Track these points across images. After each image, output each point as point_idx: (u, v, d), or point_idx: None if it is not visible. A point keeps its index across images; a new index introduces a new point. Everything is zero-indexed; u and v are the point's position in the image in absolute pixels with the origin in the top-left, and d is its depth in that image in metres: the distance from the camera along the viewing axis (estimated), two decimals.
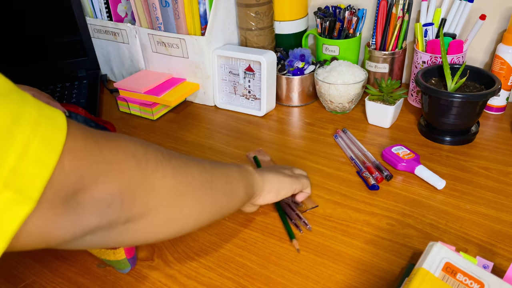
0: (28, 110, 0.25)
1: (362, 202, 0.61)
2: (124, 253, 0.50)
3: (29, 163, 0.24)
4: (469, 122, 0.72)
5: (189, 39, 0.86)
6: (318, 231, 0.56)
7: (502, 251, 0.51)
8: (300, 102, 0.90)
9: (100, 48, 1.05)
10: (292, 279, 0.50)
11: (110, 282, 0.51)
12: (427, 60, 0.79)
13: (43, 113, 0.26)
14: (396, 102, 0.77)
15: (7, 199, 0.23)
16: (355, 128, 0.80)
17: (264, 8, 0.86)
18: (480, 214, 0.57)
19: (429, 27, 0.79)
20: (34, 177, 0.24)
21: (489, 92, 0.66)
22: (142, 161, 0.34)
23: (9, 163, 0.23)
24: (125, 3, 0.99)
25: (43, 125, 0.25)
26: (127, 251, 0.51)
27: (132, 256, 0.52)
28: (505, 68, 0.76)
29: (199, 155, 0.75)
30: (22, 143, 0.24)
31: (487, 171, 0.65)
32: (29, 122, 0.25)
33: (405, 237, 0.54)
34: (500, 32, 0.82)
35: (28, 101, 0.25)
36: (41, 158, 0.25)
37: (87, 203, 0.29)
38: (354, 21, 0.86)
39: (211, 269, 0.52)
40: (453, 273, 0.41)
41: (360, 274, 0.50)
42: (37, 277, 0.53)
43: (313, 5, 0.98)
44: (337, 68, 0.82)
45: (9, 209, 0.23)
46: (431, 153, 0.71)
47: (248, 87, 0.88)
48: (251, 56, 0.83)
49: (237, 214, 0.60)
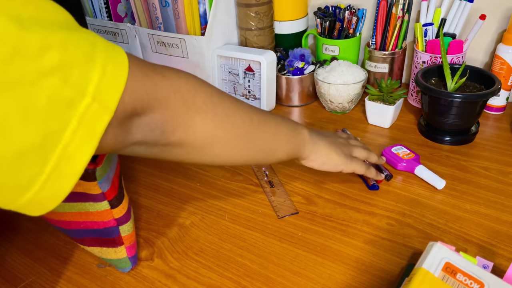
0: (99, 40, 0.31)
1: (362, 202, 0.61)
2: (126, 251, 0.50)
3: (108, 81, 0.30)
4: (469, 122, 0.72)
5: (189, 39, 0.86)
6: (318, 231, 0.56)
7: (502, 251, 0.51)
8: (300, 102, 0.90)
9: None
10: (292, 279, 0.50)
11: (110, 282, 0.51)
12: (427, 60, 0.79)
13: (109, 44, 0.32)
14: (396, 102, 0.77)
15: (95, 109, 0.29)
16: (355, 128, 0.80)
17: (264, 8, 0.86)
18: (480, 214, 0.57)
19: (429, 27, 0.79)
20: (112, 93, 0.30)
21: (489, 92, 0.66)
22: (189, 102, 0.39)
23: (94, 81, 0.29)
24: (125, 3, 0.99)
25: (112, 52, 0.31)
26: (128, 249, 0.51)
27: (133, 255, 0.52)
28: (505, 68, 0.76)
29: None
30: (101, 65, 0.30)
31: (487, 171, 0.65)
32: (103, 49, 0.30)
33: (405, 237, 0.54)
34: (500, 32, 0.82)
35: (95, 34, 0.31)
36: (116, 78, 0.31)
37: (136, 124, 0.35)
38: (354, 21, 0.86)
39: (211, 269, 0.52)
40: (453, 273, 0.41)
41: (360, 274, 0.50)
42: (37, 277, 0.53)
43: (313, 5, 0.98)
44: (337, 68, 0.82)
45: (97, 116, 0.29)
46: (431, 153, 0.71)
47: (248, 87, 0.88)
48: (251, 56, 0.83)
49: (237, 214, 0.60)
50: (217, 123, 0.42)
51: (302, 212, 0.60)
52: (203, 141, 0.41)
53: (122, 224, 0.49)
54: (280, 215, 0.59)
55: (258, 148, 0.48)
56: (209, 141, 0.42)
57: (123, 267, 0.52)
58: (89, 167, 0.44)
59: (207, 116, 0.41)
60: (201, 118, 0.40)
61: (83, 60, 0.28)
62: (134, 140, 0.36)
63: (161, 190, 0.67)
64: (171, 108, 0.37)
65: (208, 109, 0.41)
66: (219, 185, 0.67)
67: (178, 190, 0.67)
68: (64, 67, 0.27)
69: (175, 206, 0.63)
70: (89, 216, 0.48)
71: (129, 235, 0.50)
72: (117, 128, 0.33)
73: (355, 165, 0.58)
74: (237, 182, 0.67)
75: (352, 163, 0.57)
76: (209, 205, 0.63)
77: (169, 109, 0.37)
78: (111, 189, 0.47)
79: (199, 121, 0.40)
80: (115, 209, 0.48)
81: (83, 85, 0.28)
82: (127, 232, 0.50)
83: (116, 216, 0.48)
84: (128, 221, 0.50)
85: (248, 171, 0.70)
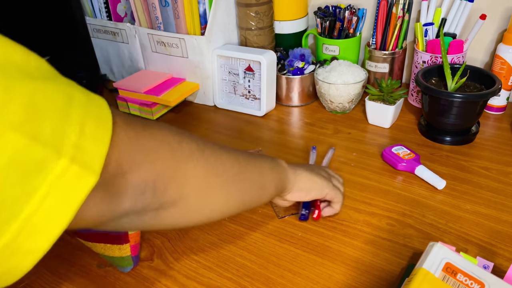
0: (77, 92, 0.27)
1: (362, 202, 0.61)
2: (130, 250, 0.51)
3: (89, 139, 0.26)
4: (469, 122, 0.71)
5: (188, 39, 0.86)
6: (318, 231, 0.56)
7: (502, 251, 0.51)
8: (300, 102, 0.90)
9: (100, 48, 1.05)
10: (292, 279, 0.50)
11: (110, 282, 0.51)
12: (427, 60, 0.79)
13: (89, 97, 0.28)
14: (396, 102, 0.77)
15: (75, 172, 0.24)
16: (355, 128, 0.80)
17: (264, 7, 0.86)
18: (480, 214, 0.57)
19: (429, 27, 0.79)
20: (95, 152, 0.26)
21: (489, 92, 0.66)
22: (177, 151, 0.35)
23: (71, 139, 0.25)
24: (125, 2, 0.99)
25: (93, 106, 0.27)
26: (132, 248, 0.51)
27: (136, 255, 0.52)
28: (505, 68, 0.76)
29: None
30: (79, 121, 0.25)
31: (487, 171, 0.65)
32: (81, 103, 0.26)
33: (405, 237, 0.54)
34: (500, 32, 0.82)
35: (74, 84, 0.27)
36: (97, 135, 0.27)
37: (123, 188, 0.30)
38: (354, 21, 0.86)
39: (210, 269, 0.52)
40: (453, 273, 0.41)
41: (360, 274, 0.50)
42: (37, 277, 0.53)
43: (313, 5, 0.98)
44: (337, 68, 0.82)
45: (77, 181, 0.25)
46: (431, 153, 0.71)
47: (248, 87, 0.88)
48: (251, 56, 0.83)
49: (237, 215, 0.60)
50: (209, 169, 0.39)
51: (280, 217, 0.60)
52: (198, 193, 0.38)
53: None
54: (280, 215, 0.59)
55: (250, 186, 0.45)
56: (204, 193, 0.39)
57: (124, 266, 0.52)
58: None
59: (198, 164, 0.37)
60: (193, 166, 0.37)
61: (56, 114, 0.24)
62: (122, 209, 0.31)
63: None
64: (159, 160, 0.33)
65: (197, 156, 0.38)
66: None
67: None
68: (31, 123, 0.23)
69: None
70: None
71: (135, 234, 0.51)
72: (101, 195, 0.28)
73: (337, 191, 0.56)
74: None
75: (334, 187, 0.55)
76: None
77: (158, 161, 0.33)
78: None
79: (190, 171, 0.36)
80: None
81: (58, 144, 0.24)
82: (134, 231, 0.51)
83: None
84: None
85: None
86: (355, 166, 0.69)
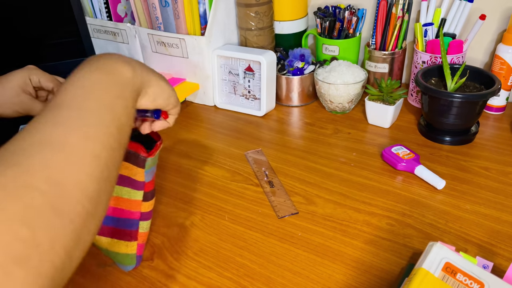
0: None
1: (362, 202, 0.61)
2: (136, 248, 0.51)
3: None
4: (469, 122, 0.71)
5: (188, 39, 0.86)
6: (318, 231, 0.56)
7: (502, 251, 0.51)
8: (300, 102, 0.90)
9: (100, 48, 1.05)
10: (292, 279, 0.50)
11: (110, 282, 0.51)
12: (427, 60, 0.79)
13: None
14: (396, 102, 0.77)
15: None
16: (355, 128, 0.80)
17: (264, 8, 0.86)
18: (480, 214, 0.57)
19: (429, 27, 0.79)
20: None
21: (489, 92, 0.66)
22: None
23: None
24: (125, 3, 0.99)
25: None
26: (139, 247, 0.52)
27: (140, 255, 0.52)
28: (505, 68, 0.76)
29: (199, 155, 0.75)
30: None
31: (487, 171, 0.65)
32: None
33: (405, 237, 0.54)
34: (500, 32, 0.82)
35: None
36: None
37: None
38: (354, 21, 0.86)
39: (211, 269, 0.52)
40: (453, 273, 0.41)
41: (360, 274, 0.50)
42: None
43: (313, 5, 0.98)
44: (337, 68, 0.82)
45: None
46: (431, 153, 0.71)
47: (248, 87, 0.88)
48: (251, 56, 0.83)
49: (237, 214, 0.60)
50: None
51: (302, 212, 0.60)
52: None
53: (144, 220, 0.51)
54: (280, 215, 0.59)
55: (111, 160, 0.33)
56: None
57: (126, 264, 0.52)
58: (143, 155, 0.47)
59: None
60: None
61: None
62: None
63: (161, 190, 0.67)
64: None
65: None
66: (219, 185, 0.67)
67: (178, 190, 0.66)
68: None
69: (175, 206, 0.63)
70: (119, 202, 0.49)
71: (144, 233, 0.52)
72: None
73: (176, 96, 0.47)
74: (237, 182, 0.67)
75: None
76: (209, 205, 0.63)
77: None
78: (151, 182, 0.50)
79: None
80: (145, 203, 0.50)
81: None
82: (144, 230, 0.52)
83: (143, 210, 0.50)
84: (149, 219, 0.52)
85: (248, 171, 0.70)
86: (355, 166, 0.69)
